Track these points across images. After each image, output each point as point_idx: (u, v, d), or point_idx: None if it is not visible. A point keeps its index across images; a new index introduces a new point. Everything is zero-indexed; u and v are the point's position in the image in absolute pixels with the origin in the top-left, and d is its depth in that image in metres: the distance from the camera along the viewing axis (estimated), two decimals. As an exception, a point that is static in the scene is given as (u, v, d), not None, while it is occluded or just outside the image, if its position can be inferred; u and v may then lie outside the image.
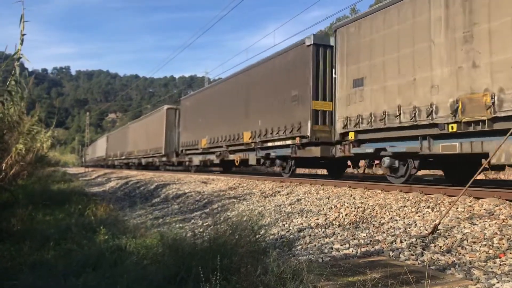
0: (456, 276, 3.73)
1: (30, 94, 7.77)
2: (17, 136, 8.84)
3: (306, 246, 5.38)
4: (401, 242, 5.00)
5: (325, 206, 7.40)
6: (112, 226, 6.63)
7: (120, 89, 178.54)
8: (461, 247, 4.56)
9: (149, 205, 11.57)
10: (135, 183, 17.71)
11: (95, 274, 4.10)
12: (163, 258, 4.21)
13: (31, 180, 14.73)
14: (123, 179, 21.62)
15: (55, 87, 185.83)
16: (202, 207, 9.64)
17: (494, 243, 4.50)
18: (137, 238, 5.53)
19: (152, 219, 8.67)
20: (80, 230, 6.27)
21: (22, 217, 7.17)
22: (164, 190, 13.64)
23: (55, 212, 8.51)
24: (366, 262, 4.27)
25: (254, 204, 8.76)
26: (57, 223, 7.24)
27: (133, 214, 9.76)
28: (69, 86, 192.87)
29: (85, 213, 8.14)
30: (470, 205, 5.96)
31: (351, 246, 5.10)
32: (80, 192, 13.19)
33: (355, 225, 6.11)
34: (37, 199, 9.54)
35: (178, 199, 11.37)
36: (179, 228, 7.22)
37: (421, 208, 6.27)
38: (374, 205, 6.91)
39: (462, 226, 5.15)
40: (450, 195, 6.79)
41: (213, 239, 4.23)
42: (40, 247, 5.40)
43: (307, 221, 6.64)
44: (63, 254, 5.07)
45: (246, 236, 4.31)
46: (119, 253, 4.80)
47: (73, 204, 9.33)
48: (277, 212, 7.62)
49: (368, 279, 3.42)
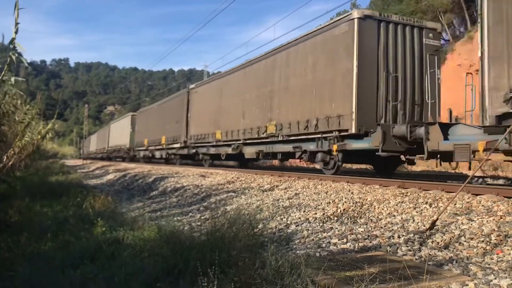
0: (453, 272, 3.74)
1: (28, 85, 7.73)
2: (15, 127, 8.81)
3: (304, 240, 5.38)
4: (398, 237, 5.00)
5: (323, 201, 7.40)
6: (110, 218, 6.63)
7: (119, 82, 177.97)
8: (459, 243, 4.57)
9: (147, 198, 11.57)
10: (133, 176, 17.70)
11: (93, 266, 4.10)
12: (160, 251, 4.21)
13: (29, 171, 14.73)
14: (121, 171, 21.61)
15: (54, 79, 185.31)
16: (200, 200, 9.64)
17: (491, 239, 4.50)
18: (134, 231, 5.53)
19: (150, 212, 8.68)
20: (77, 222, 6.27)
21: (20, 208, 7.18)
22: (162, 183, 13.64)
23: (53, 204, 8.50)
24: (364, 257, 4.27)
25: (252, 198, 8.76)
26: (54, 215, 7.24)
27: (131, 206, 9.76)
28: (68, 78, 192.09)
29: (83, 206, 8.13)
30: (468, 201, 5.96)
31: (349, 241, 5.11)
32: (78, 185, 13.19)
33: (353, 220, 6.12)
34: (35, 190, 9.54)
35: (176, 192, 11.37)
36: (177, 221, 7.22)
37: (419, 204, 6.27)
38: (372, 200, 6.91)
39: (460, 222, 5.15)
40: (448, 191, 6.80)
41: (211, 232, 4.23)
42: (37, 238, 5.41)
43: (305, 215, 6.64)
44: (60, 246, 5.08)
45: (244, 230, 4.32)
46: (117, 245, 4.80)
47: (71, 196, 9.32)
48: (275, 206, 7.62)
49: (365, 274, 3.42)
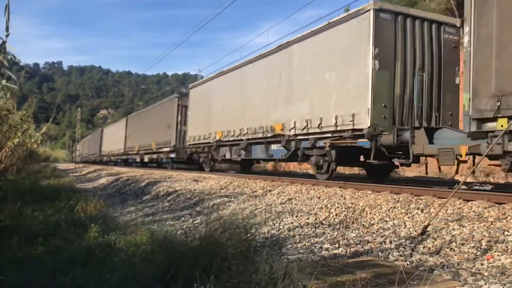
0: (444, 277, 3.76)
1: (21, 88, 7.68)
2: (7, 129, 8.74)
3: (296, 245, 5.39)
4: (390, 242, 5.03)
5: (316, 206, 7.42)
6: (102, 223, 6.60)
7: (112, 85, 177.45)
8: (450, 248, 4.60)
9: (139, 202, 11.52)
10: (126, 180, 17.63)
11: (84, 271, 4.07)
12: (153, 255, 4.20)
13: (20, 175, 14.60)
14: (114, 175, 21.50)
15: (47, 82, 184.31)
16: (193, 205, 9.62)
17: (482, 245, 4.54)
18: (127, 235, 5.51)
19: (142, 216, 8.64)
20: (69, 226, 6.24)
21: (11, 212, 7.12)
22: (154, 187, 13.59)
23: (45, 208, 8.43)
24: (356, 262, 4.29)
25: (245, 203, 8.76)
26: (46, 219, 7.19)
27: (123, 211, 9.72)
28: (61, 81, 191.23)
29: (74, 210, 8.08)
30: (460, 207, 6.01)
31: (341, 246, 5.12)
32: (70, 188, 13.10)
33: (345, 225, 6.14)
34: (27, 194, 9.46)
35: (169, 197, 11.34)
36: (170, 226, 7.20)
37: (410, 209, 6.31)
38: (364, 205, 6.94)
39: (451, 228, 5.19)
40: (440, 197, 6.84)
41: (204, 237, 4.23)
42: (28, 242, 5.36)
43: (298, 220, 6.66)
44: (51, 250, 5.04)
45: (237, 234, 4.31)
46: (108, 250, 4.78)
47: (63, 200, 9.26)
48: (267, 211, 7.63)
49: (357, 279, 3.43)
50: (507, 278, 3.66)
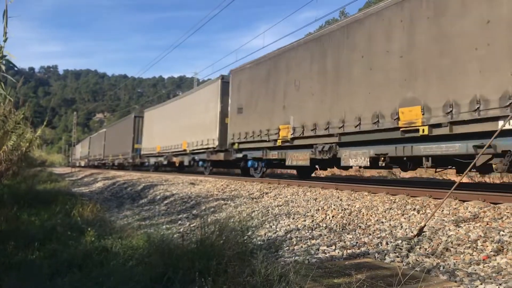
0: (440, 278, 3.78)
1: (16, 93, 7.68)
2: (3, 135, 8.73)
3: (293, 247, 5.40)
4: (386, 244, 5.05)
5: (312, 208, 7.43)
6: (98, 227, 6.59)
7: (108, 89, 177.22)
8: (446, 249, 4.62)
9: (136, 205, 11.50)
10: (122, 184, 17.59)
11: (81, 275, 4.07)
12: (149, 259, 4.20)
13: (16, 179, 14.56)
14: (110, 179, 21.45)
15: (42, 86, 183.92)
16: (189, 208, 9.61)
17: (478, 245, 4.56)
18: (123, 239, 5.50)
19: (139, 220, 8.62)
20: (65, 231, 6.22)
21: (7, 217, 7.09)
22: (151, 191, 13.57)
23: (41, 212, 8.41)
24: (352, 264, 4.30)
25: (242, 205, 8.76)
26: (42, 223, 7.17)
27: (120, 214, 9.70)
28: (57, 85, 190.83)
29: (71, 214, 8.07)
30: (456, 207, 6.03)
31: (337, 248, 5.13)
32: (66, 192, 13.07)
33: (342, 227, 6.15)
34: (23, 199, 9.43)
35: (166, 200, 11.32)
36: (166, 229, 7.19)
37: (407, 211, 6.33)
38: (361, 207, 6.96)
39: (447, 229, 5.21)
40: (435, 198, 6.87)
41: (201, 240, 4.23)
42: (24, 247, 5.35)
43: (294, 222, 6.66)
44: (48, 254, 5.03)
45: (233, 237, 4.32)
46: (105, 253, 4.78)
47: (59, 204, 9.24)
48: (264, 214, 7.63)
49: (353, 280, 3.45)
50: (502, 278, 3.68)
